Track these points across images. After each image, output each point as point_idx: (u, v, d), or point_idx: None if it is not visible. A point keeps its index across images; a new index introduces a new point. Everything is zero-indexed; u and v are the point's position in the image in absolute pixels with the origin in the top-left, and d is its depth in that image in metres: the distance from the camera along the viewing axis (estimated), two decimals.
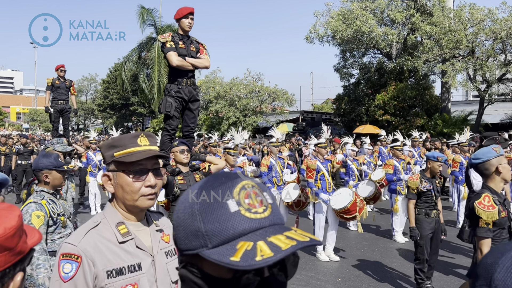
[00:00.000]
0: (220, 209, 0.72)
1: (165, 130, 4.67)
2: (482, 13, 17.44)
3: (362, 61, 23.58)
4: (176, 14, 4.51)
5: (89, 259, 1.42)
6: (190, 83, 4.59)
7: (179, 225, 0.76)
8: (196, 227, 0.72)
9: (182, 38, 4.56)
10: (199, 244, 0.71)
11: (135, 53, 31.52)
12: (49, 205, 3.06)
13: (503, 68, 17.17)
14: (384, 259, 6.64)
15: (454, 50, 17.69)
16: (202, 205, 0.73)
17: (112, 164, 1.55)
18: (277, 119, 29.03)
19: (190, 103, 4.66)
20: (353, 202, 6.34)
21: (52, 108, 9.39)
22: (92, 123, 50.42)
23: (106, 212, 1.57)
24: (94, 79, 47.37)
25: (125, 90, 32.32)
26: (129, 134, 1.59)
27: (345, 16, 20.05)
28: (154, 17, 30.27)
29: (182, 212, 0.76)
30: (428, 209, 5.10)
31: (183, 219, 0.75)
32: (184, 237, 0.74)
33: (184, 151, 4.37)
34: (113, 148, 1.55)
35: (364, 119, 21.14)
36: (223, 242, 0.70)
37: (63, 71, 9.53)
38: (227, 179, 0.76)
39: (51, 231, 3.07)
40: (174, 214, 0.80)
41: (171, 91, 4.51)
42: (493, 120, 20.68)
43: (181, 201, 0.78)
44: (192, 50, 4.60)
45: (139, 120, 40.12)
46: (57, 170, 3.19)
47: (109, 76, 39.34)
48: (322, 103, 49.31)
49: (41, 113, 54.10)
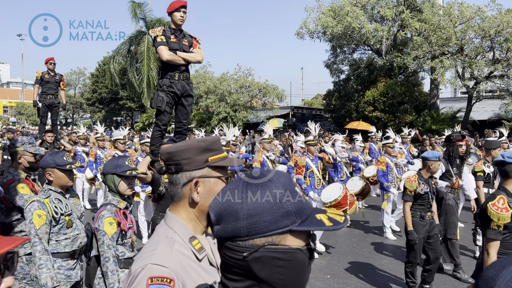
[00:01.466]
0: (296, 193, 0.94)
1: (156, 125, 4.53)
2: (471, 11, 17.58)
3: (352, 57, 23.65)
4: (168, 7, 4.40)
5: (180, 281, 1.26)
6: (183, 77, 4.45)
7: (262, 211, 0.90)
8: (287, 209, 0.90)
9: (174, 32, 4.43)
10: (290, 222, 0.90)
11: (124, 46, 31.22)
12: (52, 204, 2.98)
13: (491, 66, 17.34)
14: (373, 256, 6.68)
15: (443, 47, 17.82)
16: (284, 191, 0.93)
17: (207, 169, 1.41)
18: (268, 115, 29.03)
19: (183, 98, 4.51)
20: (343, 195, 6.37)
21: (40, 102, 9.13)
22: (80, 117, 49.89)
23: (174, 226, 1.39)
24: (82, 72, 46.80)
25: (114, 84, 31.97)
26: (214, 137, 1.49)
27: (336, 12, 20.06)
28: (144, 11, 29.98)
29: (263, 199, 0.91)
30: (423, 211, 4.98)
31: (267, 206, 0.91)
32: (272, 220, 0.90)
33: None
34: (207, 152, 1.42)
35: (354, 115, 21.22)
36: (306, 218, 0.92)
37: (52, 63, 9.21)
38: (279, 172, 1.00)
39: (56, 231, 2.99)
40: (246, 204, 0.92)
41: (162, 85, 4.37)
42: (481, 117, 20.90)
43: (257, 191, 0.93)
44: (185, 44, 4.47)
45: (128, 114, 39.80)
46: (59, 169, 3.09)
47: (98, 70, 38.90)
48: (312, 98, 49.38)
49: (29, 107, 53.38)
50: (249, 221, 0.91)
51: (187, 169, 1.40)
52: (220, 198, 0.97)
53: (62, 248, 2.99)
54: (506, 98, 19.10)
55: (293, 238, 0.92)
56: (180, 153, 1.41)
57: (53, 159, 3.10)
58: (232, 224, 0.92)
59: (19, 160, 3.61)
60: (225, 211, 0.94)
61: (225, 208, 0.94)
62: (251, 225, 0.91)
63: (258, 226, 0.90)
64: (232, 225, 0.92)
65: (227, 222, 0.93)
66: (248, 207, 0.91)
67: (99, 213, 2.97)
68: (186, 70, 4.51)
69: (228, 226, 0.93)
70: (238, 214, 0.92)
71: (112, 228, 2.88)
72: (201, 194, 1.39)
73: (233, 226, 0.92)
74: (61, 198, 3.10)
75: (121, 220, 2.93)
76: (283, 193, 0.93)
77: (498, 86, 19.57)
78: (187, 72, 4.53)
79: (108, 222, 2.86)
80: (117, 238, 2.94)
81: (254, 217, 0.90)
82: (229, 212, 0.93)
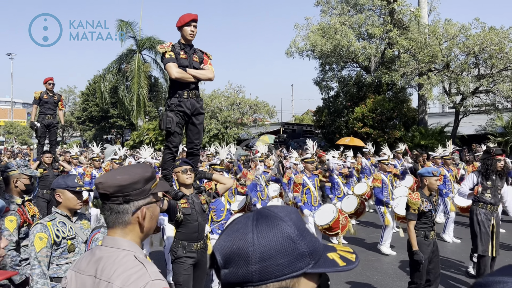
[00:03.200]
0: (308, 233, 0.91)
1: (166, 148, 4.27)
2: (456, 29, 18.02)
3: (341, 74, 24.00)
4: (178, 21, 4.21)
5: None
6: (193, 95, 4.22)
7: (276, 254, 0.86)
8: (301, 250, 0.87)
9: (184, 48, 4.24)
10: (304, 264, 0.87)
11: (115, 65, 31.35)
12: (54, 227, 2.99)
13: (477, 82, 17.71)
14: (366, 272, 6.71)
15: (429, 64, 18.19)
16: (297, 231, 0.89)
17: (151, 197, 1.53)
18: (259, 131, 29.17)
19: (193, 117, 4.27)
20: (335, 219, 6.38)
21: (38, 122, 9.00)
22: (70, 136, 49.56)
23: (132, 248, 1.47)
24: (72, 91, 46.67)
25: (104, 102, 31.98)
26: (148, 165, 1.60)
27: (324, 30, 20.41)
28: (134, 30, 30.19)
29: (277, 242, 0.86)
30: (427, 230, 4.82)
31: (281, 247, 0.86)
32: (286, 263, 0.86)
33: (187, 170, 4.03)
34: (150, 181, 1.52)
35: (343, 131, 21.43)
36: (319, 258, 0.89)
37: (51, 84, 9.09)
38: (287, 208, 0.96)
39: (57, 255, 2.99)
40: (258, 247, 0.86)
41: (171, 105, 4.14)
42: (468, 132, 21.23)
43: (269, 232, 0.88)
44: (195, 60, 4.27)
45: (118, 132, 39.66)
46: (69, 191, 3.11)
47: (88, 88, 38.88)
48: (303, 114, 49.73)
49: (17, 126, 52.93)
50: (261, 265, 0.85)
51: (136, 199, 1.49)
52: (228, 238, 0.91)
53: (62, 273, 2.98)
54: (492, 113, 19.48)
55: (307, 281, 0.89)
56: (131, 185, 1.48)
57: (64, 181, 3.15)
58: (243, 269, 0.86)
59: (15, 184, 3.58)
60: (234, 254, 0.88)
61: (234, 250, 0.88)
62: (264, 269, 0.85)
63: (272, 270, 0.85)
64: (243, 269, 0.86)
65: (237, 266, 0.87)
66: (261, 249, 0.85)
67: (93, 236, 2.96)
68: (195, 88, 4.29)
69: (239, 270, 0.87)
70: (249, 258, 0.85)
71: None
72: (147, 220, 1.50)
73: (245, 271, 0.86)
74: (66, 222, 3.11)
75: None
76: (296, 232, 0.88)
77: (484, 101, 19.96)
78: (196, 90, 4.32)
79: None
80: None
81: (267, 260, 0.85)
82: (239, 255, 0.87)
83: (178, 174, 4.07)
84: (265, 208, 0.96)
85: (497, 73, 17.39)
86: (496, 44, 16.69)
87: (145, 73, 30.96)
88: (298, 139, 29.43)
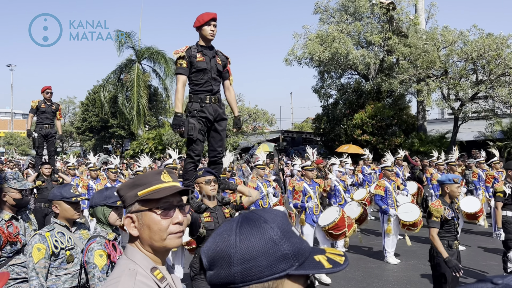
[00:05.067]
0: (294, 235, 0.90)
1: (188, 156, 4.00)
2: (454, 35, 18.10)
3: (340, 81, 24.04)
4: (196, 21, 3.94)
5: None
6: (215, 100, 3.98)
7: (257, 256, 0.86)
8: (283, 252, 0.86)
9: (201, 50, 3.98)
10: (287, 266, 0.86)
11: (114, 75, 31.48)
12: (52, 238, 2.96)
13: (475, 88, 17.75)
14: (366, 280, 6.67)
15: (428, 70, 18.25)
16: (281, 233, 0.88)
17: (136, 204, 1.47)
18: (258, 139, 29.16)
19: (215, 123, 4.04)
20: (340, 217, 6.33)
21: (36, 132, 8.75)
22: (70, 146, 49.55)
23: (135, 258, 1.44)
24: (72, 101, 46.78)
25: (104, 112, 32.04)
26: (151, 172, 1.54)
27: (323, 39, 20.50)
28: (133, 40, 30.36)
29: (259, 243, 0.87)
30: (450, 239, 4.59)
31: (262, 250, 0.86)
32: (268, 265, 0.86)
33: (211, 181, 3.72)
34: (136, 187, 1.48)
35: (343, 139, 21.44)
36: (304, 260, 0.88)
37: (49, 93, 8.86)
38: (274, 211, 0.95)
39: (56, 265, 2.95)
40: (240, 249, 0.87)
41: (192, 110, 3.90)
42: (467, 138, 21.23)
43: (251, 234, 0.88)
44: (218, 63, 4.04)
45: (118, 142, 39.65)
46: (66, 201, 3.07)
47: (88, 99, 38.95)
48: (302, 122, 49.75)
49: (18, 137, 52.96)
50: (243, 266, 0.86)
51: (125, 205, 1.50)
52: (213, 241, 0.93)
53: (61, 284, 2.95)
54: (491, 118, 19.49)
55: (291, 282, 0.88)
56: (118, 191, 1.52)
57: (60, 191, 3.10)
58: (226, 270, 0.87)
59: (3, 198, 3.40)
60: (217, 256, 0.89)
61: (218, 252, 0.89)
62: (246, 271, 0.86)
63: (253, 272, 0.85)
64: (225, 271, 0.87)
65: (220, 267, 0.88)
66: (242, 251, 0.86)
67: (89, 245, 2.90)
68: (218, 92, 4.06)
69: (221, 272, 0.88)
70: (231, 259, 0.86)
71: (102, 260, 2.82)
72: (137, 228, 1.46)
73: (227, 272, 0.87)
74: (64, 232, 3.08)
75: (111, 252, 2.89)
76: (279, 234, 0.88)
77: (482, 107, 19.99)
78: (219, 94, 4.08)
79: (98, 254, 2.80)
80: (107, 270, 2.93)
81: (249, 262, 0.86)
82: (222, 257, 0.88)
83: (201, 185, 3.75)
84: (251, 211, 0.96)
85: (495, 79, 17.43)
86: (494, 50, 16.76)
87: (144, 83, 31.05)
88: (298, 147, 29.41)
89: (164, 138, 28.75)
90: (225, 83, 4.22)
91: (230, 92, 4.23)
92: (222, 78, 4.18)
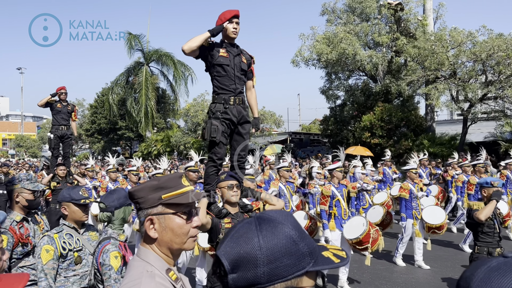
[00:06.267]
0: (306, 234, 0.97)
1: (210, 160, 3.83)
2: (463, 36, 17.96)
3: (348, 83, 23.94)
4: (218, 19, 3.80)
5: None
6: (239, 101, 3.83)
7: (282, 256, 0.91)
8: (303, 251, 0.93)
9: (225, 46, 3.83)
10: (306, 263, 0.93)
11: (122, 77, 31.71)
12: (61, 240, 2.98)
13: (485, 88, 17.59)
14: (374, 281, 6.64)
15: (436, 71, 18.12)
16: (297, 233, 0.94)
17: (160, 207, 1.48)
18: (266, 141, 29.16)
19: (239, 126, 3.87)
20: (366, 232, 5.93)
21: (52, 133, 8.69)
22: (79, 148, 49.95)
23: (150, 259, 1.46)
24: (81, 104, 47.15)
25: (112, 114, 32.26)
26: (173, 175, 1.55)
27: (330, 40, 20.45)
28: (141, 42, 30.56)
29: (282, 243, 0.92)
30: (491, 246, 4.35)
31: (286, 249, 0.92)
32: (292, 264, 0.91)
33: (233, 186, 3.57)
34: (160, 190, 1.49)
35: (350, 140, 21.35)
36: (318, 257, 0.95)
37: (64, 93, 8.80)
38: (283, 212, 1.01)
39: (64, 267, 2.96)
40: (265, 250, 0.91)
41: (216, 112, 3.73)
42: (477, 139, 21.05)
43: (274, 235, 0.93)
44: (243, 62, 3.88)
45: (127, 144, 39.91)
46: (74, 203, 3.08)
47: (97, 101, 39.28)
48: (310, 123, 49.66)
49: (28, 139, 53.53)
50: (269, 266, 0.90)
51: (144, 207, 1.49)
52: (233, 244, 0.95)
53: (70, 285, 2.97)
54: (501, 119, 19.31)
55: (307, 279, 0.95)
56: (136, 192, 1.51)
57: (69, 193, 3.12)
58: (252, 272, 0.90)
59: (16, 199, 3.46)
60: (242, 258, 0.92)
61: (242, 255, 0.92)
62: (272, 271, 0.90)
63: (279, 271, 0.90)
64: (252, 272, 0.90)
65: (245, 269, 0.91)
66: (268, 252, 0.91)
67: (104, 247, 2.91)
68: (242, 92, 3.92)
69: (248, 274, 0.90)
70: (258, 261, 0.90)
71: (117, 261, 2.84)
72: (157, 231, 1.47)
73: (253, 274, 0.90)
74: (73, 233, 3.09)
75: (125, 253, 2.92)
76: (297, 234, 0.94)
77: (492, 107, 19.81)
78: (243, 95, 3.93)
79: (114, 256, 2.82)
80: (121, 271, 2.94)
81: (275, 262, 0.90)
82: (248, 259, 0.91)
83: (223, 190, 3.59)
84: (263, 213, 1.01)
85: (505, 79, 17.26)
86: (504, 51, 16.59)
87: (152, 85, 31.23)
88: (306, 148, 29.37)
89: (172, 140, 28.88)
90: (247, 83, 4.05)
91: (251, 93, 4.10)
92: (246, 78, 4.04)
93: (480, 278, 0.79)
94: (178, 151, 28.19)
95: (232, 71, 3.79)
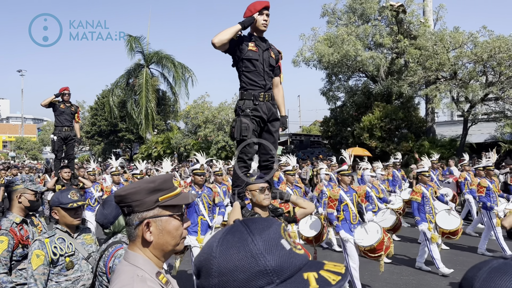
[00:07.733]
0: (278, 248, 0.83)
1: (240, 160, 3.60)
2: (464, 37, 17.96)
3: (348, 84, 23.91)
4: (247, 11, 3.56)
5: None
6: (269, 97, 3.61)
7: (235, 269, 0.81)
8: (262, 267, 0.80)
9: (254, 40, 3.61)
10: (266, 282, 0.80)
11: (123, 79, 31.73)
12: (52, 244, 2.89)
13: (485, 89, 17.57)
14: (373, 283, 6.61)
15: (437, 72, 18.11)
16: (263, 247, 0.82)
17: (157, 209, 1.45)
18: None
19: (269, 124, 3.66)
20: (380, 240, 5.75)
21: (55, 135, 8.54)
22: (79, 150, 49.96)
23: (140, 263, 1.43)
24: (81, 106, 47.22)
25: (113, 116, 32.27)
26: (166, 176, 1.51)
27: (331, 41, 20.44)
28: (142, 44, 30.59)
29: (237, 257, 0.82)
30: None
31: (240, 263, 0.81)
32: (245, 280, 0.80)
33: (265, 189, 3.31)
34: (157, 192, 1.45)
35: (350, 141, 21.33)
36: (290, 276, 0.80)
37: (67, 94, 8.64)
38: (267, 221, 0.89)
39: (56, 272, 2.89)
40: (218, 261, 0.84)
41: (245, 109, 3.53)
42: (477, 140, 21.02)
43: (231, 246, 0.84)
44: (272, 57, 3.68)
45: (127, 146, 39.91)
46: (62, 208, 2.99)
47: (97, 103, 39.28)
48: (310, 125, 49.63)
49: (28, 141, 53.55)
50: (220, 279, 0.83)
51: (138, 210, 1.44)
52: (202, 249, 0.91)
53: None
54: (502, 120, 19.29)
55: None
56: (130, 195, 1.45)
57: (57, 197, 3.03)
58: (206, 281, 0.85)
59: (19, 199, 3.41)
60: (201, 265, 0.88)
61: (201, 262, 0.88)
62: (223, 284, 0.82)
63: (230, 285, 0.82)
64: (206, 282, 0.85)
65: (203, 277, 0.86)
66: (220, 263, 0.83)
67: (115, 251, 2.75)
68: (271, 88, 3.71)
69: (204, 282, 0.86)
70: (211, 271, 0.84)
71: None
72: (154, 234, 1.44)
73: (207, 283, 0.85)
74: (65, 238, 3.00)
75: None
76: (260, 248, 0.82)
77: (492, 109, 19.79)
78: (272, 91, 3.72)
79: None
80: None
81: (226, 275, 0.82)
82: (204, 267, 0.86)
83: (253, 193, 3.34)
84: (243, 220, 0.92)
85: (505, 80, 17.25)
86: (505, 52, 16.57)
87: (153, 87, 31.26)
88: (306, 150, 29.33)
89: (172, 142, 28.86)
90: (274, 80, 3.82)
91: (279, 90, 3.87)
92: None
93: (483, 279, 0.81)
94: (178, 153, 28.18)
95: (261, 66, 3.61)
